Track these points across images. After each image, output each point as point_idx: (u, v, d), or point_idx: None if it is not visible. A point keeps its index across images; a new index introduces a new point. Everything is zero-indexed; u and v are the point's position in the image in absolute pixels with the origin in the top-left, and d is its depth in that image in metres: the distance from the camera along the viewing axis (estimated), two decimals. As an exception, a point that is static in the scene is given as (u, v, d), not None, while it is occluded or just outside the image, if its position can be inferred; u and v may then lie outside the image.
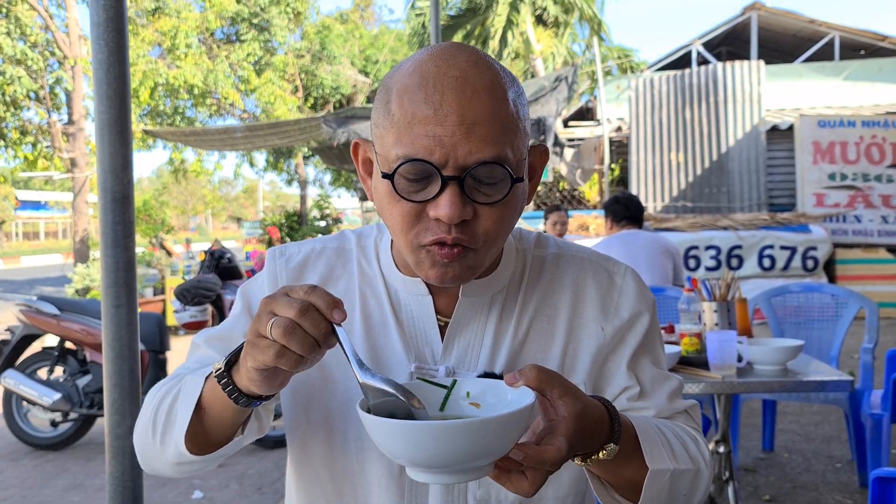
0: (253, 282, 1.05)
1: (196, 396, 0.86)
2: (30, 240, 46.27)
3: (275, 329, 0.73)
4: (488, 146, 0.82)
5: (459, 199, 0.82)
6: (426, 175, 0.83)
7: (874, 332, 3.65)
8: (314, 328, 0.74)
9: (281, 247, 1.06)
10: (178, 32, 15.78)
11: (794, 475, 3.83)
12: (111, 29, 1.67)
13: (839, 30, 12.96)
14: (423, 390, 0.81)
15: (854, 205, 9.79)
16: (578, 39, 19.36)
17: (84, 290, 10.56)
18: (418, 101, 0.82)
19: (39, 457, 4.69)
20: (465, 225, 0.85)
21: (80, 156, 14.50)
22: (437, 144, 0.81)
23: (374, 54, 19.66)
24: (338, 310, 0.75)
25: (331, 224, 13.22)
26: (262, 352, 0.75)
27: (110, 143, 1.67)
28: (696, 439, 0.96)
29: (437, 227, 0.85)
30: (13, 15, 14.04)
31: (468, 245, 0.86)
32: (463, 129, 0.81)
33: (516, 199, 0.88)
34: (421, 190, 0.84)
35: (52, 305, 4.76)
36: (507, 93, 0.85)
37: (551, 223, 5.40)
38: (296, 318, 0.73)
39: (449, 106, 0.81)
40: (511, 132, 0.84)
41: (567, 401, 0.76)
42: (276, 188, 52.44)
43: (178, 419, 0.88)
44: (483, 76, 0.84)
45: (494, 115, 0.82)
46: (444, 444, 0.70)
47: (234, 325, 1.02)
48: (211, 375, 0.84)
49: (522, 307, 0.98)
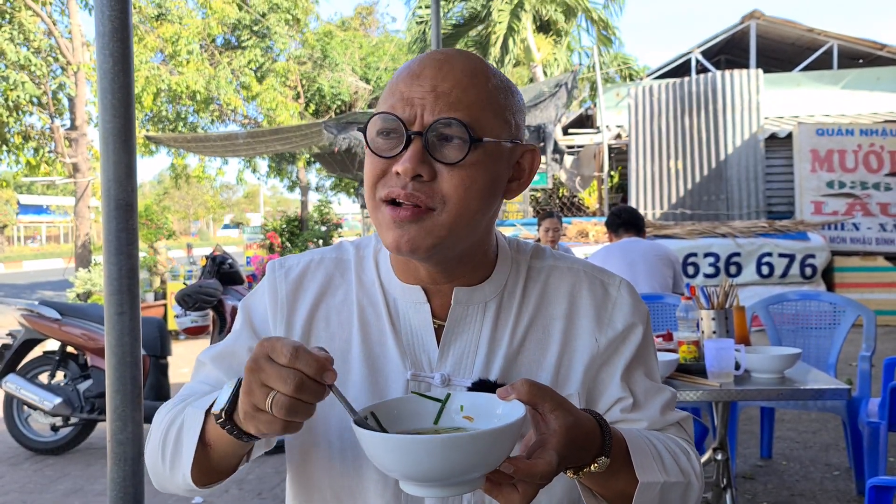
0: (253, 295, 1.07)
1: (197, 433, 0.87)
2: (31, 244, 46.29)
3: (275, 408, 0.75)
4: (454, 109, 0.88)
5: (418, 154, 0.87)
6: (396, 131, 0.89)
7: (872, 341, 3.67)
8: (314, 398, 0.76)
9: (280, 259, 1.07)
10: (179, 39, 15.83)
11: (791, 483, 3.84)
12: (116, 39, 1.69)
13: (838, 38, 13.00)
14: (418, 404, 0.83)
15: (852, 213, 9.82)
16: (579, 48, 19.41)
17: (85, 294, 10.56)
18: (403, 75, 0.91)
19: (40, 461, 4.70)
20: (424, 184, 0.88)
21: (82, 160, 14.54)
22: (408, 104, 0.88)
23: (374, 61, 19.72)
24: (328, 372, 0.76)
25: (331, 229, 13.23)
26: (266, 425, 0.77)
27: (114, 152, 1.68)
28: (688, 452, 0.97)
29: (395, 182, 0.89)
30: (17, 21, 14.10)
31: (424, 204, 0.88)
32: (433, 94, 0.88)
33: (480, 167, 0.89)
34: (391, 148, 0.89)
35: (54, 310, 4.78)
36: (487, 81, 0.91)
37: (544, 229, 5.40)
38: (294, 395, 0.74)
39: (426, 76, 0.89)
40: (482, 109, 0.90)
41: (558, 414, 0.78)
42: (276, 193, 52.53)
43: (184, 454, 0.89)
44: (467, 62, 0.91)
45: (467, 90, 0.89)
46: (435, 458, 0.71)
47: (237, 341, 1.03)
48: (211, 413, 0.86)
49: (518, 316, 0.99)
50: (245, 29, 17.51)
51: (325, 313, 1.01)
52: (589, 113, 14.29)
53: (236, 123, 18.22)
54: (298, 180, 20.11)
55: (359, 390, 0.96)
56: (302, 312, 1.01)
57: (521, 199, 13.04)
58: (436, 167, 0.88)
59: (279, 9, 17.58)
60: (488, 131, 0.90)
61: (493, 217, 0.98)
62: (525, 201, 13.14)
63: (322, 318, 1.01)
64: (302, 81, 18.18)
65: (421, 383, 0.95)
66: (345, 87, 18.21)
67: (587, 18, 16.73)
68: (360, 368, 0.97)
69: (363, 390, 0.96)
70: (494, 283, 1.00)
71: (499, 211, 1.01)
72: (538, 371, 0.98)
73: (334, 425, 0.97)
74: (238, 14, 17.12)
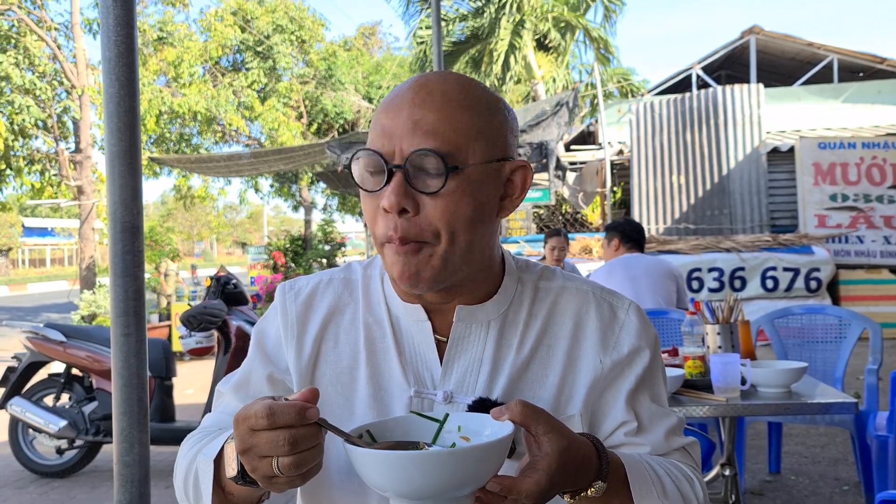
0: (265, 319, 1.08)
1: (210, 484, 0.88)
2: (36, 267, 46.41)
3: (284, 470, 0.76)
4: (429, 138, 0.87)
5: (400, 189, 0.87)
6: (379, 168, 0.89)
7: (878, 354, 3.65)
8: (310, 443, 0.76)
9: (290, 281, 1.09)
10: (182, 62, 15.98)
11: (801, 498, 3.81)
12: (122, 64, 1.71)
13: (838, 52, 13.06)
14: (417, 424, 0.84)
15: (856, 226, 9.81)
16: (580, 65, 19.53)
17: (90, 316, 10.58)
18: (384, 107, 0.91)
19: (45, 484, 4.68)
20: (411, 219, 0.88)
21: (86, 183, 14.62)
22: (387, 138, 0.88)
23: (377, 80, 19.86)
24: (309, 411, 0.76)
25: (335, 248, 13.26)
26: (287, 484, 0.79)
27: (120, 175, 1.70)
28: (692, 479, 0.96)
29: (387, 221, 0.89)
30: (22, 46, 14.25)
31: (417, 238, 0.88)
32: (410, 123, 0.87)
33: (463, 194, 0.89)
34: (376, 184, 0.90)
35: (59, 332, 4.78)
36: (468, 100, 0.90)
37: (550, 248, 5.39)
38: (294, 452, 0.75)
39: (403, 106, 0.89)
40: (460, 134, 0.88)
41: (551, 437, 0.78)
42: (280, 213, 52.68)
43: (204, 500, 0.90)
44: (445, 84, 0.90)
45: (443, 115, 0.88)
46: (424, 474, 0.72)
47: (251, 370, 1.04)
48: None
49: (524, 335, 0.99)
50: (248, 50, 17.68)
51: (334, 333, 1.02)
52: (591, 129, 14.35)
53: (239, 144, 18.33)
54: (302, 199, 20.18)
55: (365, 407, 0.97)
56: (312, 332, 1.02)
57: (525, 216, 13.07)
58: (419, 199, 0.88)
59: (284, 30, 17.75)
60: (469, 155, 0.89)
61: (490, 238, 0.97)
62: (528, 218, 13.16)
63: (331, 337, 1.02)
64: (305, 101, 18.32)
65: (424, 400, 0.96)
66: (347, 106, 18.34)
67: (586, 36, 16.85)
68: (366, 387, 0.98)
69: (369, 407, 0.97)
70: (498, 301, 1.00)
71: (497, 229, 1.01)
72: (541, 390, 0.97)
73: (336, 440, 0.98)
74: (241, 36, 17.29)
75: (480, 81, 1.31)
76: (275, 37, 17.50)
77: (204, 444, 0.94)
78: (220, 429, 1.00)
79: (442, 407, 0.95)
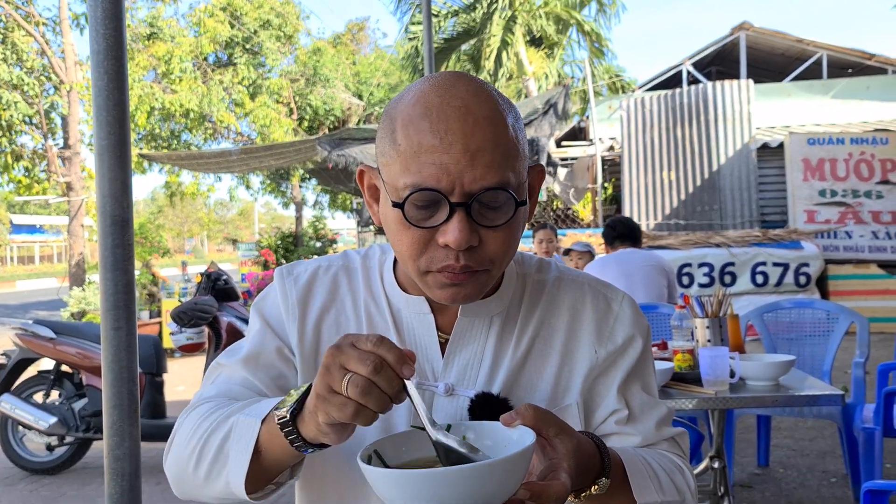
0: (264, 299, 1.06)
1: (253, 440, 0.85)
2: (24, 264, 46.11)
3: (351, 388, 0.73)
4: (492, 172, 0.84)
5: (467, 226, 0.84)
6: (434, 202, 0.85)
7: (865, 347, 3.69)
8: (389, 386, 0.75)
9: (288, 266, 1.07)
10: (172, 58, 15.90)
11: (789, 490, 3.85)
12: (111, 57, 1.70)
13: (827, 49, 13.13)
14: (420, 437, 0.82)
15: (845, 221, 9.88)
16: (571, 61, 19.55)
17: (80, 313, 10.54)
18: (423, 130, 0.84)
19: (35, 481, 4.67)
20: (473, 250, 0.87)
21: (75, 179, 14.54)
22: (444, 172, 0.83)
23: (367, 77, 19.83)
24: (407, 365, 0.76)
25: (326, 245, 13.25)
26: (337, 409, 0.75)
27: (109, 168, 1.70)
28: (683, 469, 0.98)
29: (446, 254, 0.86)
30: (10, 41, 14.14)
31: (477, 268, 0.88)
32: (468, 156, 0.83)
33: (520, 221, 0.90)
34: (429, 217, 0.86)
35: (48, 329, 4.77)
36: (506, 119, 0.87)
37: (538, 241, 5.41)
38: (371, 377, 0.73)
39: (454, 135, 0.83)
40: (512, 157, 0.86)
41: (563, 439, 0.79)
42: (270, 210, 52.55)
43: (233, 462, 0.87)
44: (484, 105, 0.86)
45: (496, 142, 0.85)
46: (447, 491, 0.70)
47: (262, 341, 1.02)
48: (268, 418, 0.84)
49: (522, 329, 1.00)
50: (237, 46, 17.61)
51: (335, 319, 1.02)
52: (582, 125, 14.37)
53: (230, 141, 18.26)
54: (292, 196, 20.14)
55: None
56: (312, 317, 1.02)
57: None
58: (481, 233, 0.87)
59: (270, 26, 17.69)
60: (520, 178, 0.88)
61: None
62: (519, 214, 13.12)
63: (332, 324, 1.02)
64: (295, 98, 18.26)
65: (425, 392, 0.96)
66: (337, 103, 18.30)
67: (579, 31, 16.85)
68: None
69: None
70: (501, 298, 1.01)
71: None
72: (539, 382, 0.99)
73: None
74: (230, 32, 17.21)
75: (489, 83, 1.29)
76: (262, 33, 17.45)
77: (235, 409, 0.91)
78: (230, 398, 0.97)
79: (443, 399, 0.95)
